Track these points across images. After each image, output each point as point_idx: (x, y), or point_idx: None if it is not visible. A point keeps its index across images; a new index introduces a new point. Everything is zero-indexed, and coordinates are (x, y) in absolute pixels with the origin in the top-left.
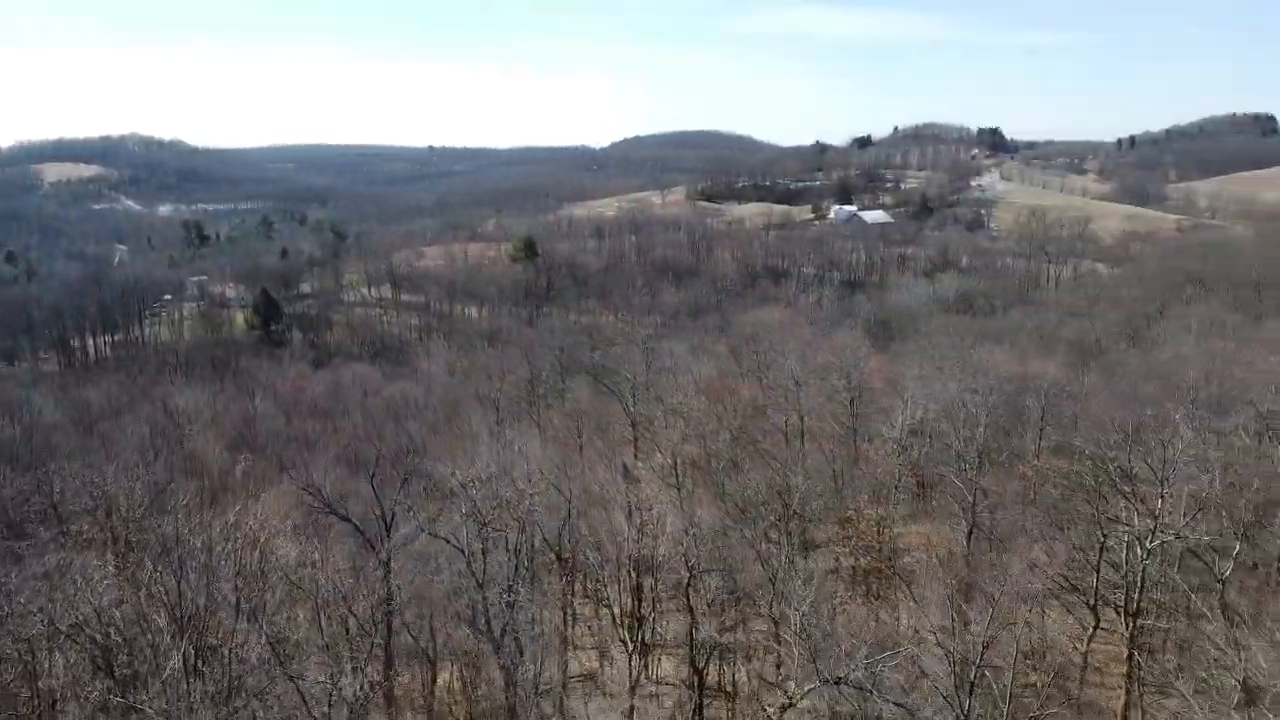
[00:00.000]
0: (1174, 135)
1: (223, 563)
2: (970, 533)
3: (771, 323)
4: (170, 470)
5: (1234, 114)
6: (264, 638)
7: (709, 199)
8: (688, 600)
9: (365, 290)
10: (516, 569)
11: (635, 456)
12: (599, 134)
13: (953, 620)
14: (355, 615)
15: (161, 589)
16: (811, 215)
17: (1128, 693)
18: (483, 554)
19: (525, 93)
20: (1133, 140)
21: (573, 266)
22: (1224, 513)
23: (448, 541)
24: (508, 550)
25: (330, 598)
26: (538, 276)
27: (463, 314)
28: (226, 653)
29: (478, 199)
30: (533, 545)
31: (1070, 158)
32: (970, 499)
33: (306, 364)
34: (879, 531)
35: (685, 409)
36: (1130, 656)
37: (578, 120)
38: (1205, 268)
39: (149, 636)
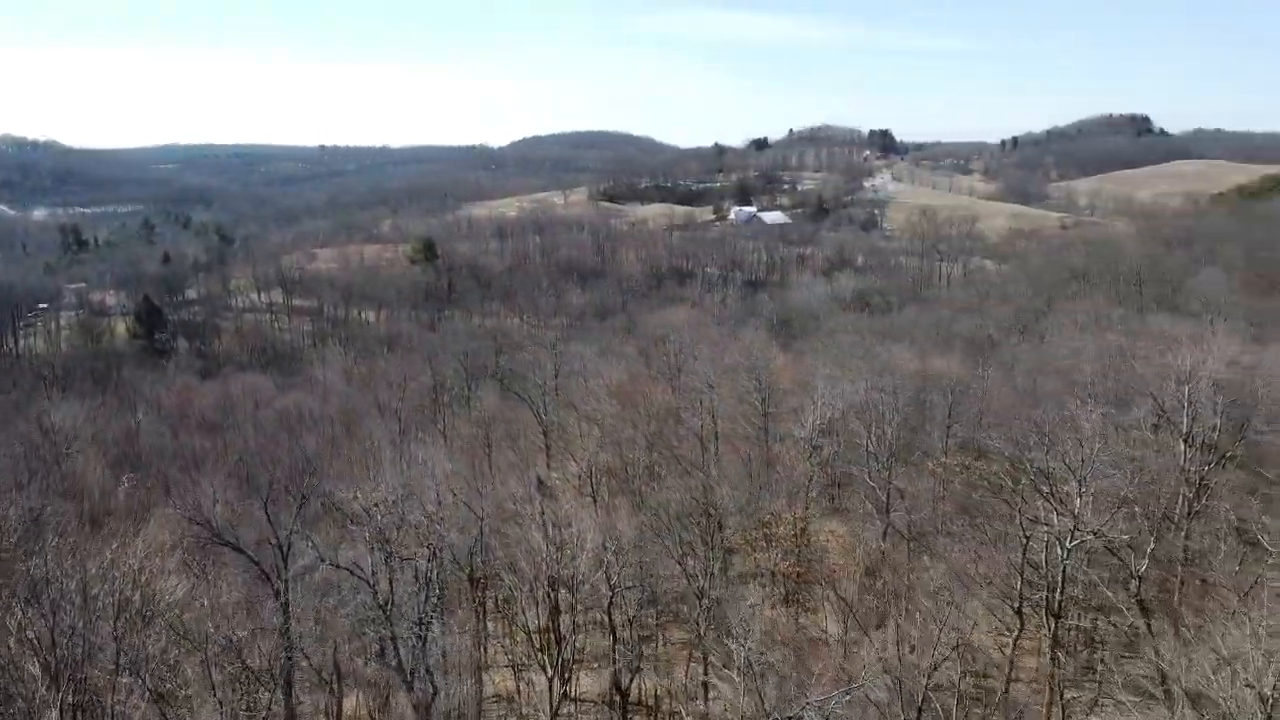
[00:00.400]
0: (1054, 136)
1: (101, 605)
2: (885, 532)
3: (679, 323)
4: (47, 493)
5: (1110, 115)
6: (148, 693)
7: (611, 199)
8: (610, 619)
9: (255, 295)
10: (427, 598)
11: (548, 466)
12: (497, 133)
13: (897, 647)
14: (250, 667)
15: (33, 635)
16: (713, 216)
17: (1050, 691)
18: (390, 584)
19: (420, 91)
20: (1015, 141)
21: (475, 268)
22: (1137, 509)
23: (352, 573)
24: (417, 579)
25: (222, 647)
26: (438, 278)
27: (359, 318)
28: (109, 706)
29: (372, 199)
30: (443, 566)
31: (957, 158)
32: (884, 498)
33: (193, 375)
34: (798, 535)
35: (598, 415)
36: (1054, 658)
37: (475, 119)
38: (1088, 263)
39: (21, 687)
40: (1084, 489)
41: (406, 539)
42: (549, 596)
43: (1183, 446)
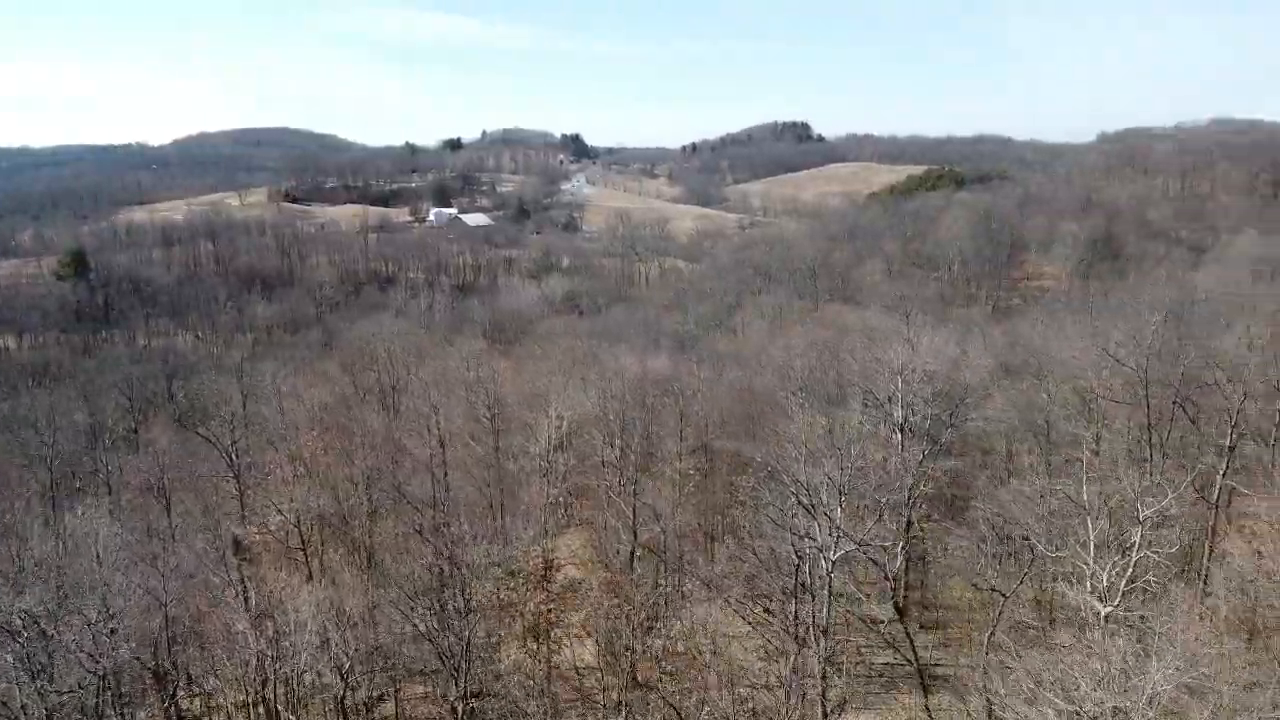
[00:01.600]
0: (728, 142)
1: None
2: (634, 553)
3: (386, 334)
4: None
5: (775, 122)
6: None
7: (296, 200)
8: (341, 710)
9: None
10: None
11: (245, 521)
12: (156, 130)
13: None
14: None
15: None
16: (411, 218)
17: (823, 707)
18: (47, 715)
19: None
20: (694, 147)
21: (136, 281)
22: (885, 511)
23: None
24: (83, 714)
25: None
26: (92, 295)
27: None
28: None
29: (8, 207)
30: (118, 667)
31: (645, 163)
32: (631, 513)
33: None
34: (546, 569)
35: (301, 451)
36: (824, 675)
37: (129, 116)
38: (770, 260)
39: None
40: (843, 499)
41: (66, 653)
42: (256, 687)
43: (899, 436)
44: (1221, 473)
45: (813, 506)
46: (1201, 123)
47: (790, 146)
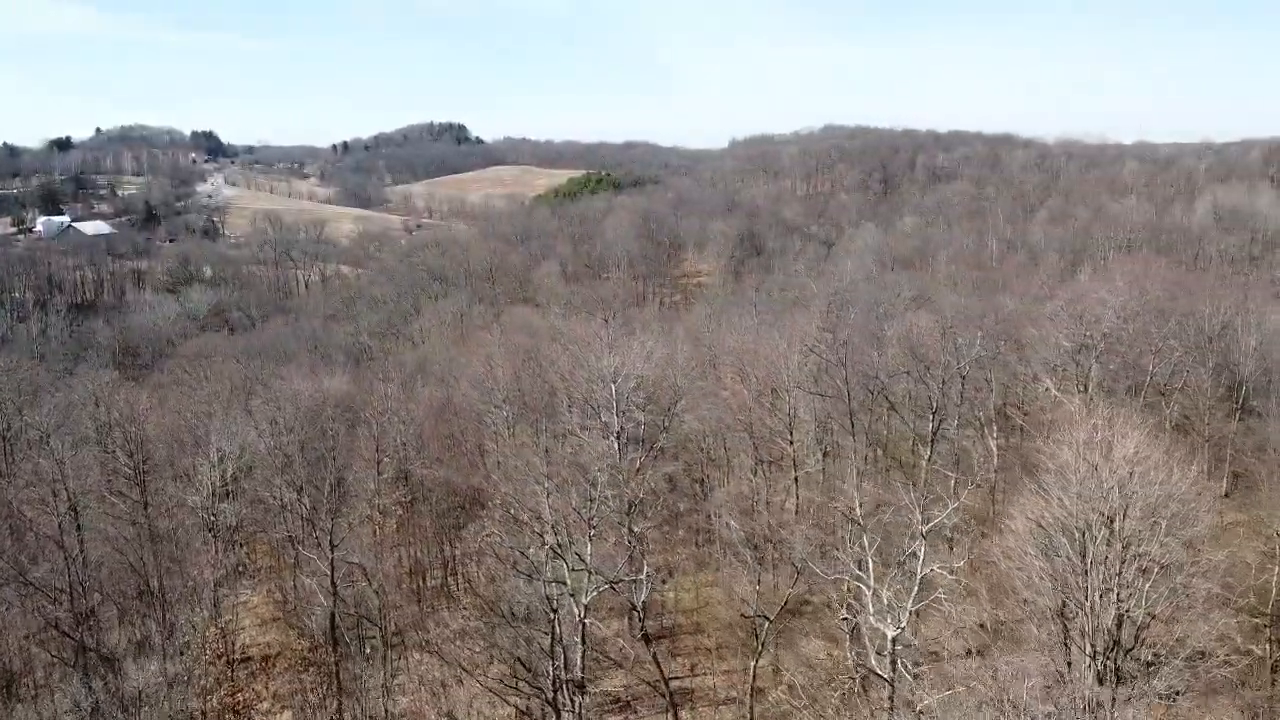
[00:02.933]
0: (382, 141)
1: None
2: (334, 617)
3: None
4: None
5: (431, 122)
6: None
7: None
8: None
9: None
10: None
11: None
12: None
13: None
14: None
15: None
16: (14, 229)
17: None
18: None
19: None
20: (346, 146)
21: None
22: (625, 534)
23: None
24: None
25: None
26: None
27: None
28: None
29: None
30: None
31: (291, 162)
32: (329, 569)
33: None
34: (225, 654)
35: None
36: None
37: None
38: (444, 264)
39: None
40: (594, 532)
41: None
42: None
43: (615, 444)
44: (927, 459)
45: (561, 547)
46: (816, 129)
47: (450, 148)
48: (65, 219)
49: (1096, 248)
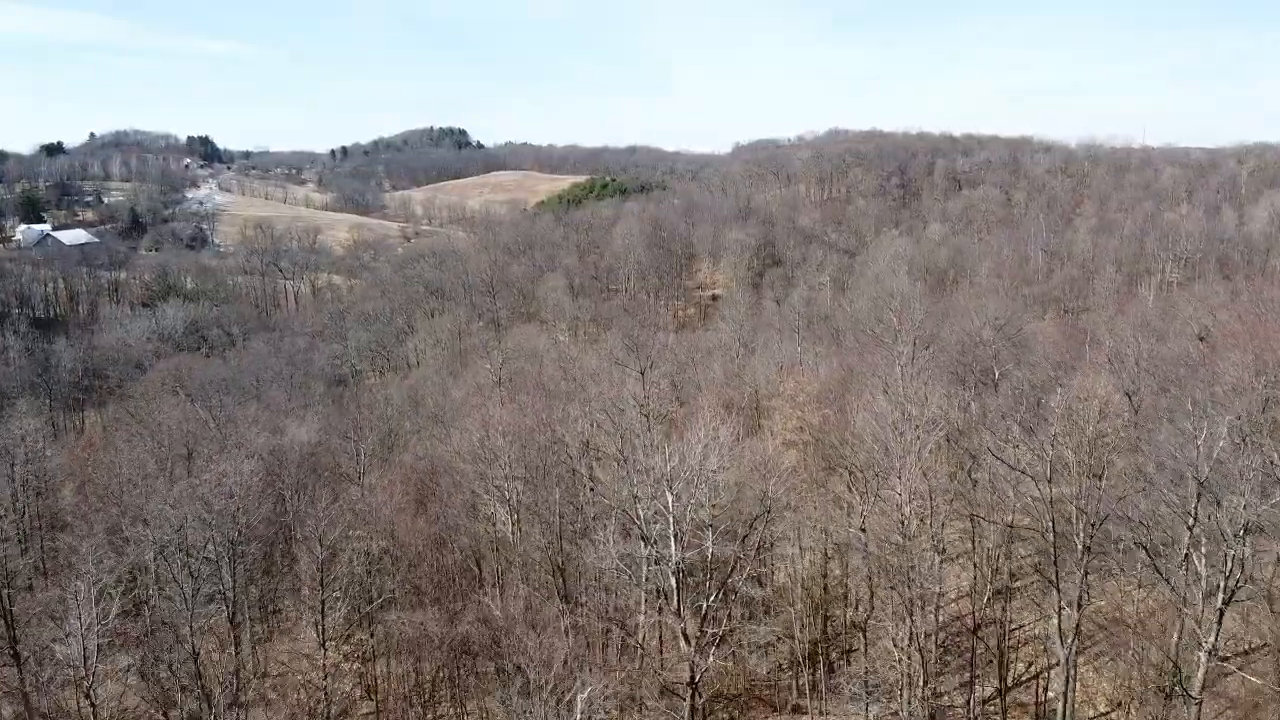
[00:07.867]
0: (381, 146)
1: None
2: None
3: None
4: None
5: (431, 128)
6: None
7: None
8: None
9: None
10: None
11: None
12: None
13: None
14: None
15: None
16: None
17: None
18: None
19: None
20: (345, 151)
21: None
22: None
23: None
24: None
25: None
26: None
27: None
28: None
29: None
30: None
31: (289, 168)
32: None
33: None
34: None
35: None
36: None
37: None
38: (441, 276)
39: None
40: None
41: None
42: None
43: (673, 581)
44: None
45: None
46: (821, 133)
47: (450, 153)
48: (46, 227)
49: (1152, 261)
